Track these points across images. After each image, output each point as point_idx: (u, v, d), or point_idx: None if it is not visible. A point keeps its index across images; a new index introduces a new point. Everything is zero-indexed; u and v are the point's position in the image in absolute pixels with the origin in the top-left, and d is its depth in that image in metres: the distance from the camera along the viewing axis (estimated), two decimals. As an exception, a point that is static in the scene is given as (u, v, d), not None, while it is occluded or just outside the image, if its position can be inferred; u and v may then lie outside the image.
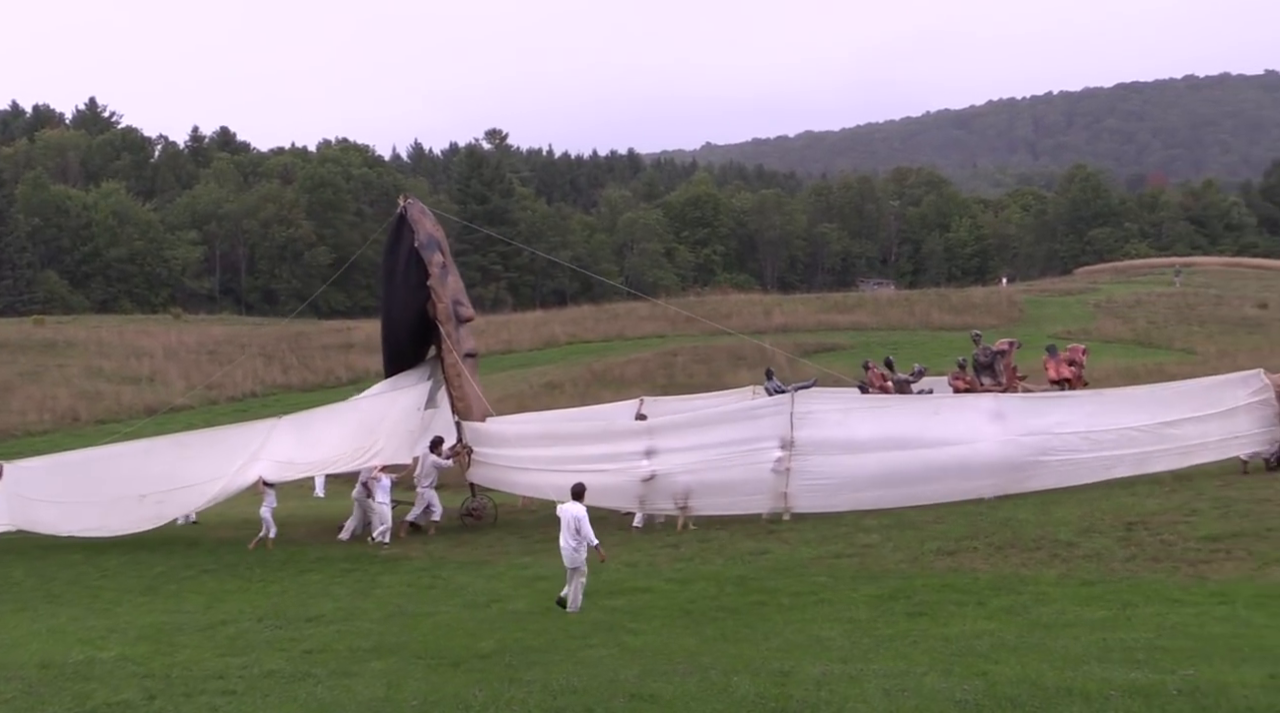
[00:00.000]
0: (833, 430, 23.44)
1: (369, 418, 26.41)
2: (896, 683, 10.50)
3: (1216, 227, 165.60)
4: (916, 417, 24.12)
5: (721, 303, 76.81)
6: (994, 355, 28.66)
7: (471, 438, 26.51)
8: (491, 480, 26.77)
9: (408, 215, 27.47)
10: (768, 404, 24.94)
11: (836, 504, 22.93)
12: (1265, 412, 23.47)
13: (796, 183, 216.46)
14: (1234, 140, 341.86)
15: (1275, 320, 69.97)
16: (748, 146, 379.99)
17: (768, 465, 23.19)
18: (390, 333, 28.45)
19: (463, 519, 26.47)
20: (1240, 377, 24.42)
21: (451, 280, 27.70)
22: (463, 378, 27.04)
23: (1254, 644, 11.64)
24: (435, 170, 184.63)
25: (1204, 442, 23.59)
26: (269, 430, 26.41)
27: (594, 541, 16.03)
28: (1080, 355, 29.55)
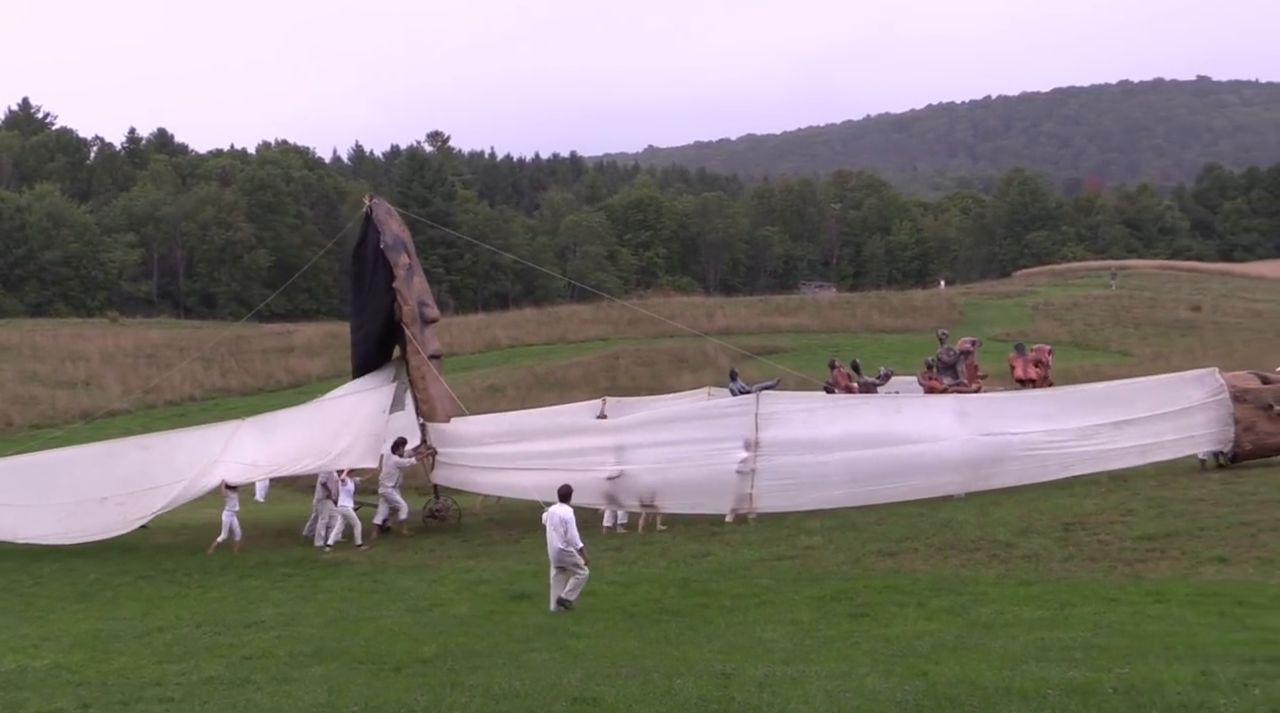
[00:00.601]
0: (797, 431, 23.62)
1: (334, 420, 26.24)
2: (838, 684, 10.54)
3: (1151, 230, 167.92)
4: (880, 416, 24.38)
5: (664, 306, 76.85)
6: (958, 355, 28.93)
7: (436, 439, 26.38)
8: (457, 481, 26.68)
9: (373, 216, 27.28)
10: (732, 404, 25.12)
11: (801, 504, 23.08)
12: (1221, 411, 23.88)
13: (738, 186, 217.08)
14: (1167, 145, 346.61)
15: (1208, 322, 71.10)
16: (690, 149, 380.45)
17: (732, 465, 23.27)
18: (359, 335, 28.26)
19: (425, 521, 26.33)
20: (1196, 376, 24.85)
21: (417, 281, 27.60)
22: (427, 379, 26.93)
23: (1187, 642, 11.79)
24: (376, 173, 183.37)
25: (1160, 440, 24.03)
26: (233, 432, 26.16)
27: (578, 544, 16.08)
28: (1046, 356, 29.92)
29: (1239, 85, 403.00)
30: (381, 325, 27.37)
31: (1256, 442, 23.77)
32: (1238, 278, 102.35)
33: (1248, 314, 76.38)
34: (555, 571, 16.27)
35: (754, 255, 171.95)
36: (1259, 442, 23.78)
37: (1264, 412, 23.70)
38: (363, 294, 27.82)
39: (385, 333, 27.55)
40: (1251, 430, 23.69)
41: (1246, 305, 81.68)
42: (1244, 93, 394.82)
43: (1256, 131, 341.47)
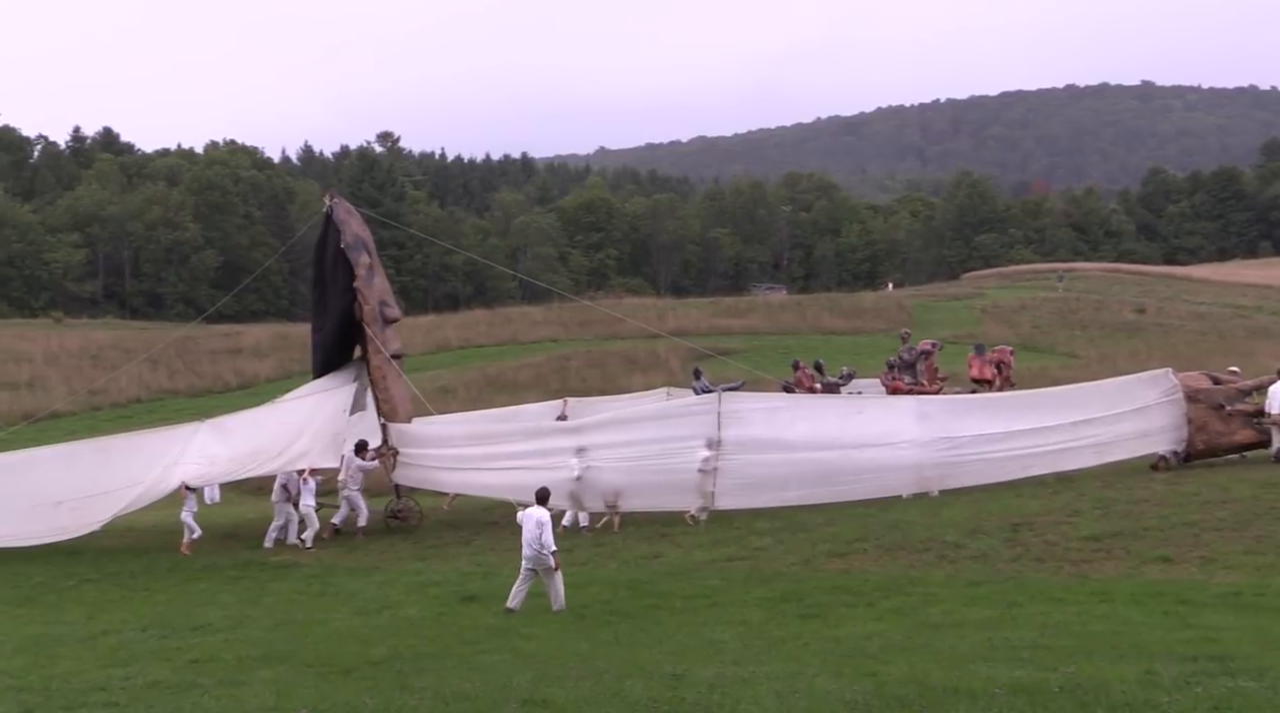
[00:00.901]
0: (758, 430, 23.68)
1: (295, 420, 26.03)
2: (788, 685, 10.57)
3: (1097, 233, 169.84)
4: (840, 417, 24.55)
5: (615, 307, 76.90)
6: (918, 355, 29.14)
7: (397, 439, 26.23)
8: (419, 481, 26.52)
9: (334, 215, 27.12)
10: (695, 403, 25.15)
11: (761, 503, 23.17)
12: (1175, 411, 24.17)
13: (689, 187, 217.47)
14: (1113, 149, 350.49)
15: (1153, 325, 71.98)
16: (641, 151, 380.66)
17: (695, 464, 23.33)
18: (319, 334, 28.00)
19: (387, 522, 26.17)
20: (1151, 376, 25.12)
21: (378, 281, 27.39)
22: (389, 379, 26.79)
23: (1131, 641, 11.92)
24: (326, 173, 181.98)
25: (1117, 440, 24.29)
26: (192, 434, 25.89)
27: (552, 547, 16.03)
28: (1009, 357, 30.18)
29: (1182, 91, 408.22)
30: (342, 325, 27.19)
31: (1208, 441, 24.11)
32: (1181, 281, 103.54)
33: (1191, 317, 77.38)
34: (525, 571, 16.21)
35: (705, 257, 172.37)
36: (1210, 442, 24.12)
37: (1216, 412, 24.06)
38: (323, 294, 27.58)
39: (346, 332, 27.37)
40: (1204, 430, 24.03)
41: (1190, 308, 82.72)
42: (1187, 98, 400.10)
43: (1199, 136, 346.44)
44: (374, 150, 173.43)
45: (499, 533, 24.32)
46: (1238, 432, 24.13)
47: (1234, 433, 24.14)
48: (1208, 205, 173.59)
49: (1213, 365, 28.10)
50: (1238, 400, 24.22)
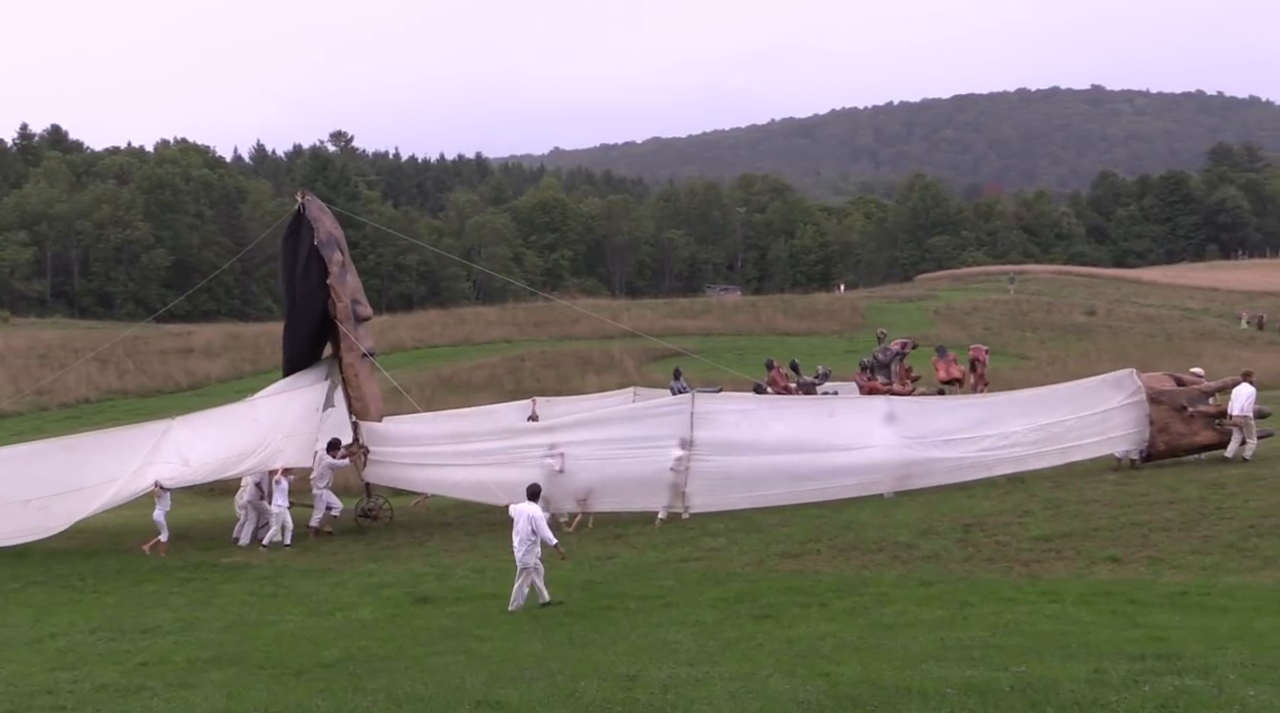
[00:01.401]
0: (731, 431, 23.84)
1: (267, 419, 25.86)
2: (742, 686, 10.59)
3: (1048, 235, 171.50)
4: (812, 419, 24.73)
5: (570, 308, 76.82)
6: (893, 356, 29.34)
7: (368, 438, 26.15)
8: (390, 479, 26.51)
9: (307, 213, 26.95)
10: (669, 403, 25.31)
11: (733, 503, 23.31)
12: (1137, 412, 24.44)
13: (644, 189, 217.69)
14: (1063, 152, 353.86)
15: (1102, 327, 72.73)
16: (596, 152, 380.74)
17: (667, 464, 23.40)
18: (291, 332, 27.90)
19: (358, 520, 26.15)
20: (1115, 378, 25.39)
21: (350, 279, 27.36)
22: (361, 377, 26.75)
23: (1081, 641, 12.02)
24: (279, 172, 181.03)
25: (1081, 442, 24.61)
26: (163, 432, 25.57)
27: (552, 541, 16.18)
28: (984, 355, 30.39)
29: (1131, 95, 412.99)
30: (313, 322, 27.13)
31: (1170, 442, 24.38)
32: (1130, 283, 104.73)
33: (1140, 319, 78.27)
34: (520, 573, 16.28)
35: (659, 258, 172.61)
36: (1172, 442, 24.40)
37: (1178, 413, 24.33)
38: (293, 291, 27.48)
39: (317, 330, 27.34)
40: (1166, 431, 24.31)
41: (1139, 310, 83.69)
42: (1136, 102, 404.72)
43: (1147, 140, 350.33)
44: (327, 150, 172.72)
45: (453, 534, 24.26)
46: (1199, 433, 24.39)
47: (1195, 434, 24.40)
48: (1156, 209, 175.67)
49: (1161, 367, 28.44)
50: (1200, 402, 24.49)
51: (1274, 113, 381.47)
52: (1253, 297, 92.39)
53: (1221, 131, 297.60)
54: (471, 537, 23.61)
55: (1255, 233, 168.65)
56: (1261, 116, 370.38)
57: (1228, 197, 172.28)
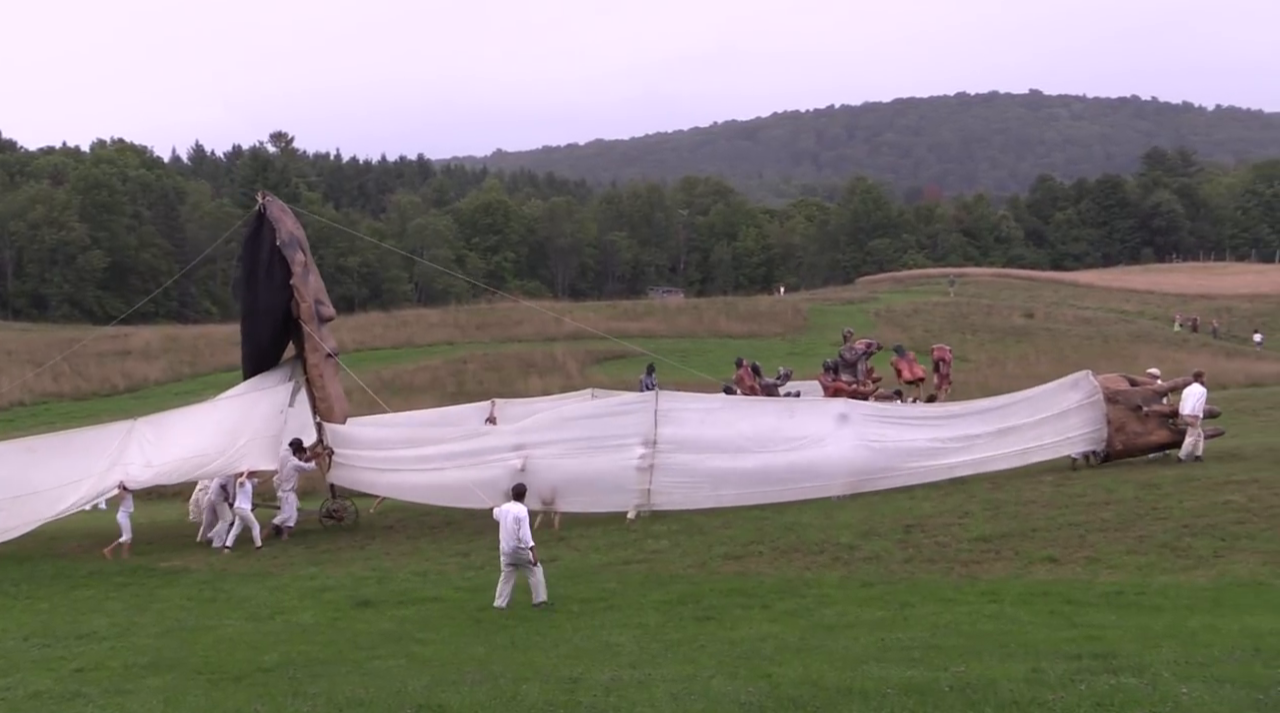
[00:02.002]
0: (694, 430, 23.94)
1: (231, 420, 25.74)
2: (684, 687, 10.61)
3: (987, 239, 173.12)
4: (774, 419, 24.83)
5: (513, 310, 76.63)
6: (860, 355, 29.57)
7: (332, 439, 26.02)
8: (353, 482, 26.36)
9: (268, 213, 26.83)
10: (633, 401, 25.43)
11: (696, 501, 23.41)
12: (1095, 412, 24.76)
13: (587, 191, 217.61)
14: (1002, 156, 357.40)
15: (1041, 329, 73.48)
16: (538, 154, 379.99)
17: (632, 463, 23.46)
18: (251, 333, 27.73)
19: (322, 521, 26.08)
20: (1072, 379, 25.71)
21: (313, 279, 27.27)
22: (325, 378, 26.66)
23: (1019, 640, 12.15)
24: (218, 173, 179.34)
25: (1040, 443, 24.92)
26: (126, 434, 25.38)
27: (530, 542, 16.18)
28: (947, 355, 30.65)
29: (1068, 100, 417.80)
30: (276, 323, 27.03)
31: (1127, 442, 24.73)
32: (1068, 286, 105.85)
33: (1077, 321, 79.17)
34: (506, 569, 16.33)
35: (602, 260, 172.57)
36: (1129, 442, 24.75)
37: (1133, 413, 24.72)
38: (254, 292, 27.33)
39: (279, 332, 27.25)
40: (1122, 431, 24.67)
41: (1076, 313, 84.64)
42: (1073, 107, 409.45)
43: (1084, 144, 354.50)
44: (267, 151, 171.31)
45: (394, 538, 24.15)
46: (1154, 432, 24.76)
47: (1151, 433, 24.77)
48: (1093, 212, 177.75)
49: (1098, 369, 28.74)
50: (1154, 402, 24.89)
51: (1206, 118, 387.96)
52: (1186, 299, 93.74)
53: (1155, 136, 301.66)
54: (413, 540, 23.52)
55: (1189, 237, 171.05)
56: (1194, 121, 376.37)
57: (1162, 200, 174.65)
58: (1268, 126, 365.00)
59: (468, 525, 24.68)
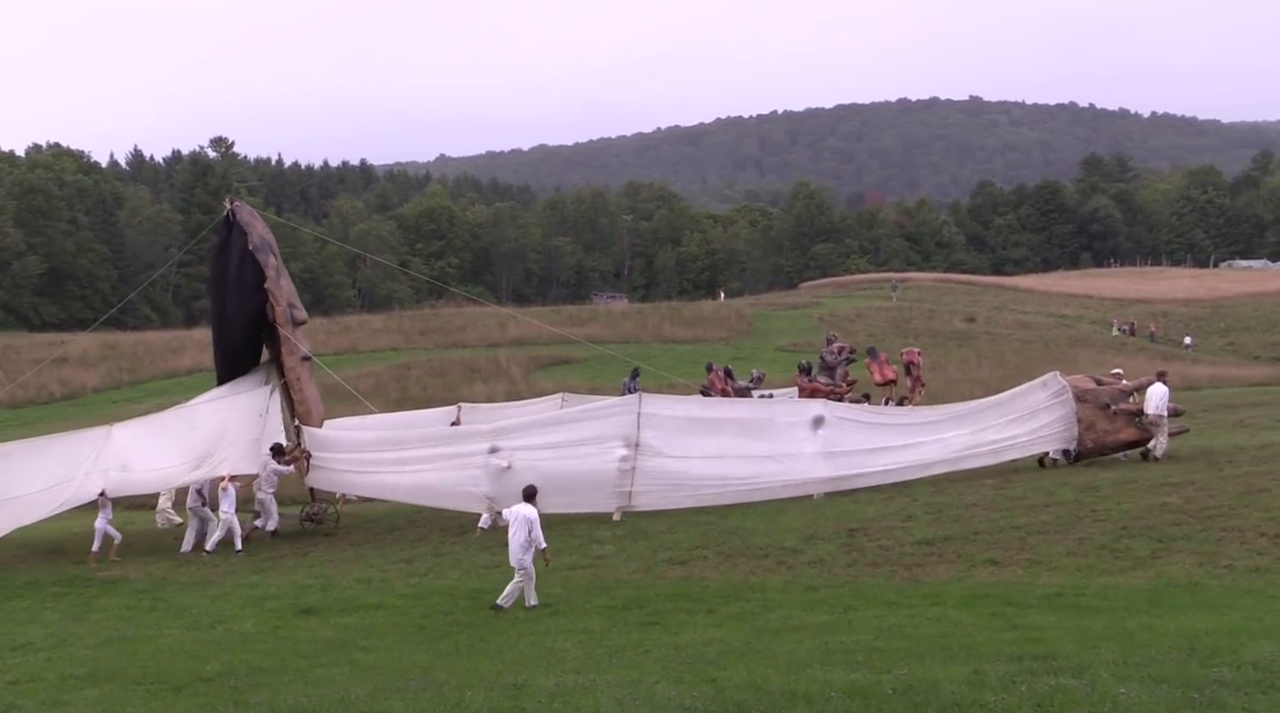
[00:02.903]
0: (675, 432, 24.15)
1: (210, 425, 25.71)
2: (629, 693, 10.61)
3: (929, 244, 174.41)
4: (752, 421, 25.17)
5: (457, 316, 76.32)
6: (840, 359, 29.80)
7: (311, 442, 25.94)
8: (333, 484, 26.43)
9: (238, 218, 26.86)
10: (615, 404, 25.57)
11: (676, 502, 23.64)
12: (1064, 411, 25.15)
13: (531, 196, 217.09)
14: (943, 162, 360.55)
15: (982, 333, 74.12)
16: (481, 159, 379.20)
17: (614, 464, 23.59)
18: (224, 338, 27.67)
19: (303, 524, 26.01)
20: (1042, 380, 26.15)
21: (285, 283, 27.26)
22: (302, 381, 26.60)
23: (961, 643, 12.24)
24: (157, 178, 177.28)
25: (1013, 443, 25.32)
26: (103, 440, 25.27)
27: (543, 544, 16.29)
28: (917, 357, 30.92)
29: (1008, 106, 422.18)
30: (249, 327, 27.02)
31: (1096, 440, 25.14)
32: (1008, 291, 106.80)
33: (1018, 326, 79.90)
34: (519, 569, 16.42)
35: (547, 265, 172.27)
36: (1099, 440, 25.16)
37: (1102, 411, 25.13)
38: (224, 297, 27.26)
39: (252, 335, 27.23)
40: (1092, 429, 25.09)
41: (1016, 317, 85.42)
42: (1012, 113, 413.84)
43: (1024, 150, 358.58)
44: (207, 156, 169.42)
45: (337, 545, 23.98)
46: (1123, 430, 25.19)
47: (1119, 431, 25.19)
48: (1032, 218, 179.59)
49: (1037, 373, 29.03)
50: (1121, 400, 25.32)
51: (1142, 124, 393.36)
52: (1124, 304, 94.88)
53: (1093, 142, 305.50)
54: (356, 547, 23.36)
55: (1126, 242, 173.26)
56: (1130, 128, 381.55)
57: (1100, 206, 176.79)
58: (1201, 133, 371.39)
59: (411, 533, 24.60)
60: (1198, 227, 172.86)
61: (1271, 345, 78.50)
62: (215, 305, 28.36)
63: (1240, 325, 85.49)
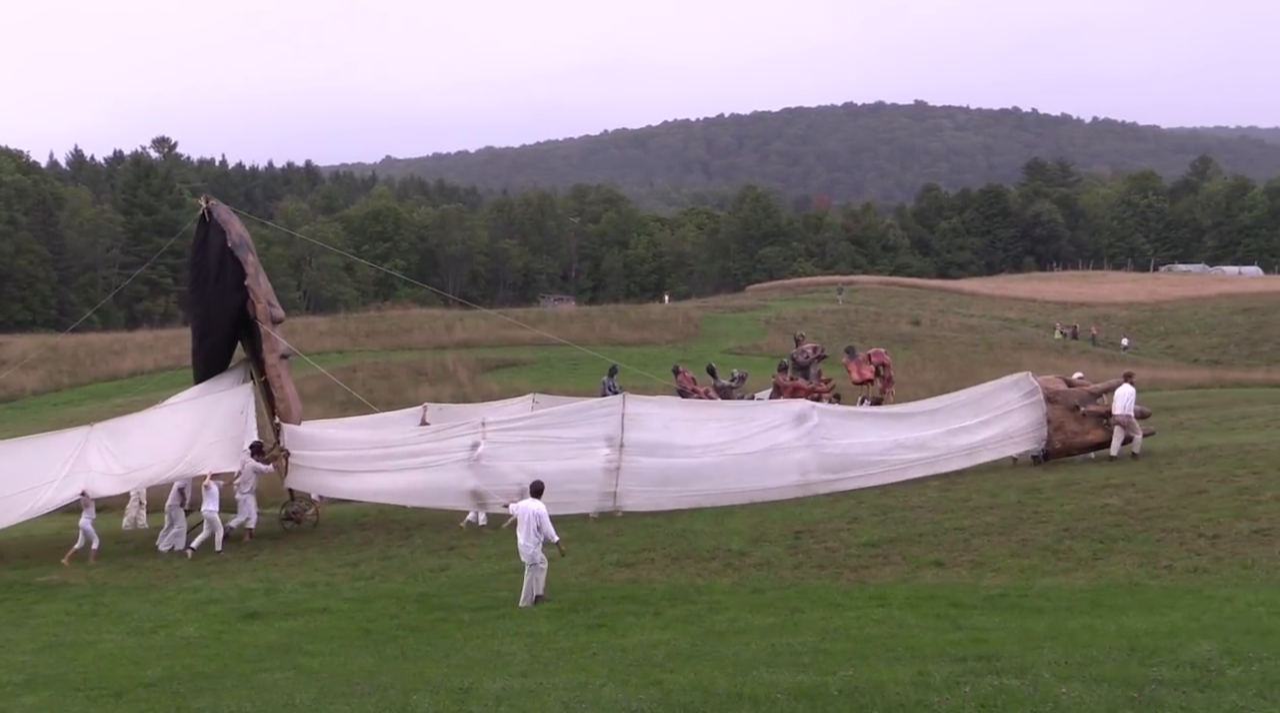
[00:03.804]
0: (660, 432, 24.32)
1: (191, 424, 25.53)
2: (575, 696, 10.59)
3: (875, 247, 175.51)
4: (736, 421, 25.29)
5: (403, 318, 75.93)
6: (811, 359, 29.92)
7: (290, 441, 25.75)
8: (313, 485, 26.22)
9: (216, 216, 26.84)
10: (600, 404, 25.66)
11: (662, 502, 23.74)
12: (1036, 412, 25.41)
13: (478, 198, 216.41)
14: (889, 165, 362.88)
15: (927, 336, 74.65)
16: (428, 161, 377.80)
17: (599, 463, 23.68)
18: (204, 336, 27.65)
19: (283, 524, 25.92)
20: (1013, 380, 26.43)
21: (263, 281, 27.21)
22: (283, 379, 26.54)
23: (906, 644, 12.31)
24: (98, 179, 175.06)
25: (985, 443, 25.55)
26: (84, 440, 25.05)
27: (554, 537, 16.40)
28: (886, 357, 31.11)
29: (952, 111, 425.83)
30: (231, 325, 27.01)
31: (1065, 441, 25.42)
32: (953, 294, 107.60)
33: (962, 329, 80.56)
34: (529, 567, 16.51)
35: (494, 268, 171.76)
36: (1067, 441, 25.44)
37: (1071, 412, 25.41)
38: (205, 296, 27.18)
39: (230, 334, 27.31)
40: (1061, 430, 25.37)
41: (961, 320, 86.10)
42: (957, 118, 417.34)
43: (968, 155, 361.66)
44: (149, 156, 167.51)
45: (282, 548, 23.81)
46: (1090, 431, 25.46)
47: (1087, 432, 25.47)
48: (976, 222, 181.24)
49: (983, 375, 29.33)
50: (1089, 402, 25.60)
51: (1084, 129, 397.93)
52: (1066, 307, 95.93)
53: (1036, 147, 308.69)
54: (301, 551, 23.20)
55: (1069, 246, 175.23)
56: (1072, 133, 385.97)
57: (1043, 210, 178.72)
58: (1141, 139, 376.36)
59: (357, 536, 24.47)
60: (1138, 231, 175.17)
61: (1209, 348, 79.72)
62: (196, 303, 28.36)
63: (1179, 328, 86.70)
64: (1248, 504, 18.62)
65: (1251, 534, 16.88)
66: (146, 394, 52.99)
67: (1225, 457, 23.48)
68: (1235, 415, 37.58)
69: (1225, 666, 10.09)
